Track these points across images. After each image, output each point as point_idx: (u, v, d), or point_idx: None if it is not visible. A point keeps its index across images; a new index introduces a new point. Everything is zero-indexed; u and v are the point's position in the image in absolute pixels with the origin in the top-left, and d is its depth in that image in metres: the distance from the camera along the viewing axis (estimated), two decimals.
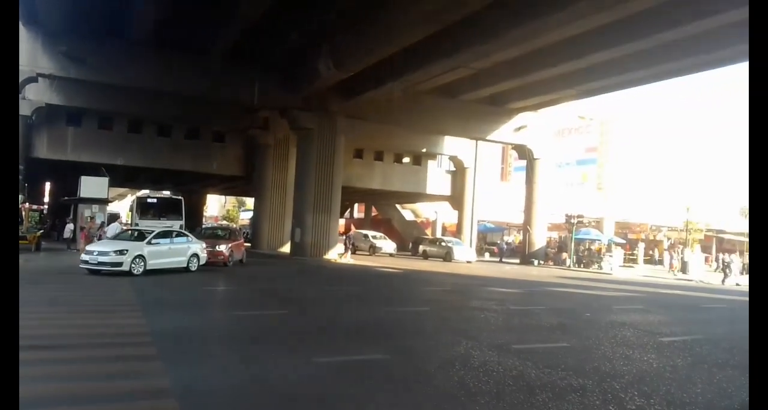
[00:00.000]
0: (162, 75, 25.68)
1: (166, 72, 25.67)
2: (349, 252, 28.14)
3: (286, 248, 31.60)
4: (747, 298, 20.62)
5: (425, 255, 34.28)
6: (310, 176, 28.66)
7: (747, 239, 40.57)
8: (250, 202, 55.99)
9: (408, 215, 48.77)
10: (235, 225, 49.28)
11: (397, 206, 47.88)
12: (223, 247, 20.38)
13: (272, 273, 21.88)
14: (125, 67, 25.03)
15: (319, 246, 28.53)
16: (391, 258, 32.24)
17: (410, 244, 36.85)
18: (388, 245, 34.65)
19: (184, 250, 17.65)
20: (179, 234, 18.71)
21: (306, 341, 8.58)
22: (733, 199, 42.07)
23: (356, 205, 56.98)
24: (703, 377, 7.35)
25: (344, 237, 30.37)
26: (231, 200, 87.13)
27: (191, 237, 19.12)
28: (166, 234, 17.86)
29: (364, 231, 36.23)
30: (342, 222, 45.41)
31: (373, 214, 52.44)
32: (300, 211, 29.06)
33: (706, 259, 40.40)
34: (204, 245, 18.77)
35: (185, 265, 17.49)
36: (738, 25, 19.59)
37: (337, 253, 29.07)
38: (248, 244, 35.92)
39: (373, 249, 33.68)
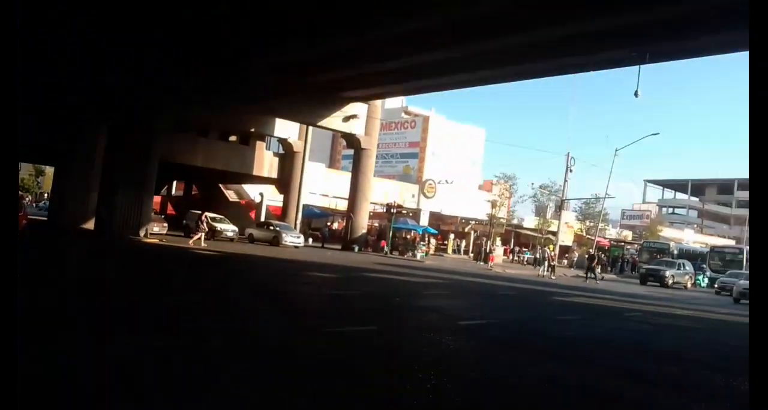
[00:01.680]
0: None
1: None
2: (202, 235, 26.15)
3: (93, 224, 28.75)
4: (544, 288, 23.32)
5: (251, 239, 33.40)
6: (122, 146, 26.31)
7: (539, 235, 45.92)
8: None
9: (231, 196, 47.28)
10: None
11: (221, 186, 46.15)
12: None
13: (58, 251, 19.76)
14: None
15: (130, 225, 26.32)
16: (231, 243, 30.63)
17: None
18: (230, 228, 32.88)
19: None
20: None
21: (101, 326, 7.84)
22: (529, 198, 47.12)
23: (175, 183, 53.79)
24: (491, 356, 8.14)
25: (196, 218, 28.13)
26: (27, 168, 77.16)
27: None
28: None
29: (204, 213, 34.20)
30: (157, 199, 42.54)
31: (192, 193, 49.95)
32: (108, 185, 26.57)
33: (505, 251, 45.05)
34: None
35: None
36: (553, 44, 21.82)
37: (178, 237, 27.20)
38: (44, 218, 32.15)
39: (214, 233, 31.89)
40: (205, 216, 28.21)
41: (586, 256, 35.71)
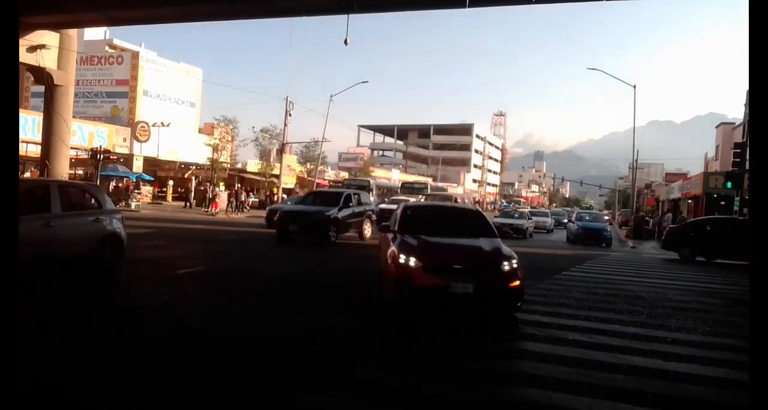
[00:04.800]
0: None
1: None
2: None
3: None
4: (265, 230, 23.67)
5: None
6: None
7: (263, 178, 46.43)
8: None
9: None
10: None
11: None
12: None
13: None
14: None
15: None
16: None
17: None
18: None
19: None
20: None
21: None
22: (251, 141, 46.99)
23: None
24: (206, 302, 8.12)
25: None
26: None
27: None
28: None
29: None
30: None
31: None
32: None
33: (229, 196, 44.50)
34: None
35: None
36: None
37: None
38: None
39: None
40: None
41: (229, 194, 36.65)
